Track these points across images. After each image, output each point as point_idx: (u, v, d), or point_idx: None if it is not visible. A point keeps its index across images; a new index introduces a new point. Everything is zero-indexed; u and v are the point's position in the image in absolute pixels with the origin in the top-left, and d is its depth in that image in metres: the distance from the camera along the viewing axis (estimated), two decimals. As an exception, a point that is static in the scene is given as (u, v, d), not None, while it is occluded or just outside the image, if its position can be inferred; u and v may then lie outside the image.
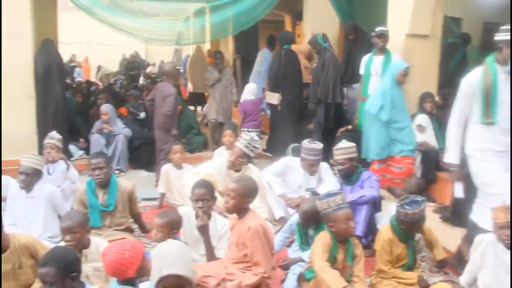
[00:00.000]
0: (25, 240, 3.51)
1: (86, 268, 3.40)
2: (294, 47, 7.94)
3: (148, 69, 18.48)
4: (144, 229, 4.82)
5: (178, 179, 5.35)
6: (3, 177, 5.00)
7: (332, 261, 3.32)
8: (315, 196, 4.40)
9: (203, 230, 3.64)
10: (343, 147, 4.56)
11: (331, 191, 3.66)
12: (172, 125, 6.55)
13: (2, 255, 3.38)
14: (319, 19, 8.12)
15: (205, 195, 3.71)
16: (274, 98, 7.55)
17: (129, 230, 4.65)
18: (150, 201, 5.81)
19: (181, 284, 2.27)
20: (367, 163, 5.69)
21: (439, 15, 6.50)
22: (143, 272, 2.71)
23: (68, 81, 12.03)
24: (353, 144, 4.61)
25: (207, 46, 14.05)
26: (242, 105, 8.00)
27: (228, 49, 14.00)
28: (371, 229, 4.47)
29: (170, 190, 5.59)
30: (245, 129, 7.51)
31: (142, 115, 8.30)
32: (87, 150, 7.51)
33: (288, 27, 14.16)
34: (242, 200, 3.31)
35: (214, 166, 4.86)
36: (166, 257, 2.29)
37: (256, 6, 7.63)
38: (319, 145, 4.84)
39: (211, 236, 3.69)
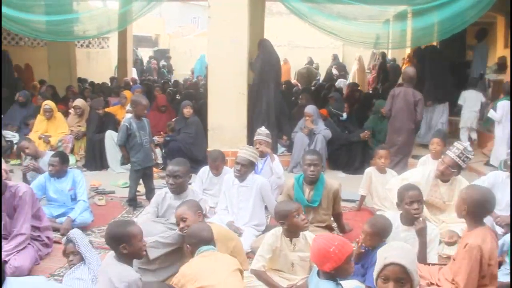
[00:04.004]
0: (217, 231, 3.55)
1: (293, 256, 3.66)
2: (506, 51, 7.29)
3: (335, 71, 18.60)
4: (342, 229, 4.93)
5: (381, 183, 5.34)
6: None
7: None
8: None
9: (422, 232, 3.73)
10: None
11: None
12: (418, 128, 6.67)
13: None
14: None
15: (419, 196, 3.83)
16: None
17: (330, 228, 4.81)
18: (349, 202, 5.88)
19: (403, 277, 2.29)
20: None
21: None
22: (340, 273, 2.78)
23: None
24: None
25: (407, 51, 13.63)
26: None
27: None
28: None
29: (371, 193, 5.60)
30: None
31: (344, 116, 8.38)
32: (288, 147, 7.89)
33: (500, 29, 13.02)
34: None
35: (422, 174, 4.73)
36: (394, 247, 2.36)
37: (467, 9, 7.07)
38: None
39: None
